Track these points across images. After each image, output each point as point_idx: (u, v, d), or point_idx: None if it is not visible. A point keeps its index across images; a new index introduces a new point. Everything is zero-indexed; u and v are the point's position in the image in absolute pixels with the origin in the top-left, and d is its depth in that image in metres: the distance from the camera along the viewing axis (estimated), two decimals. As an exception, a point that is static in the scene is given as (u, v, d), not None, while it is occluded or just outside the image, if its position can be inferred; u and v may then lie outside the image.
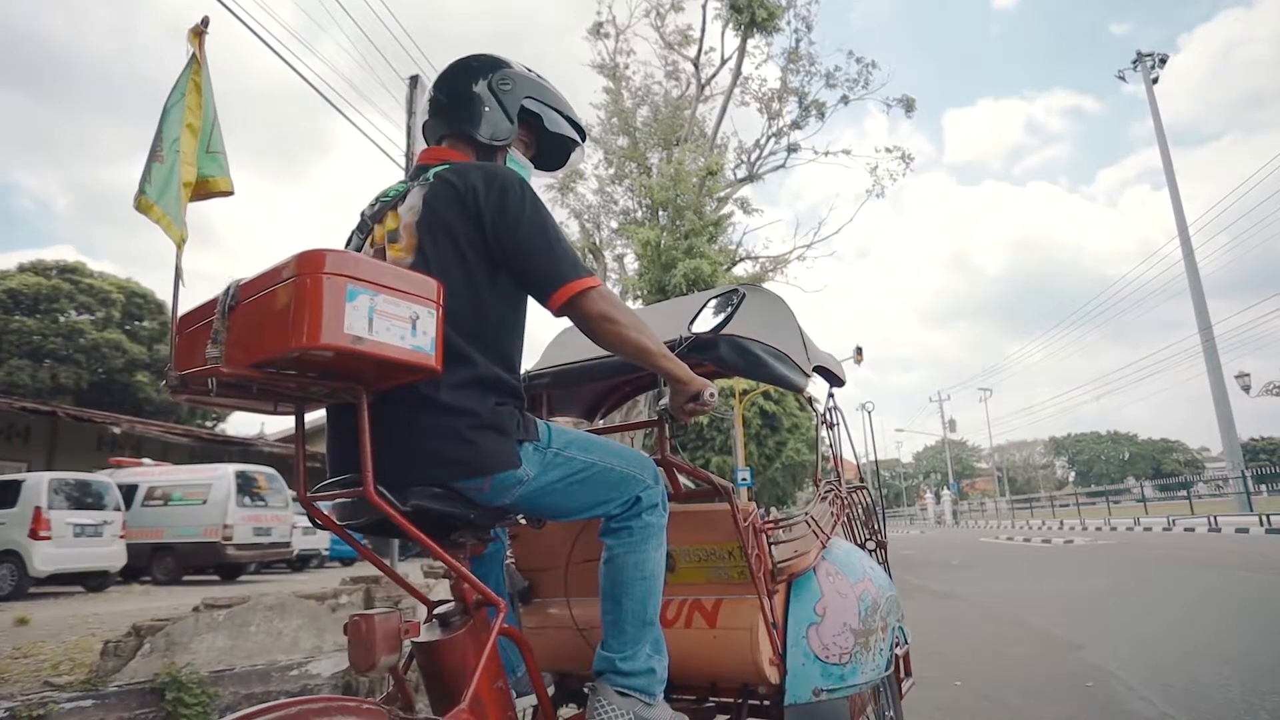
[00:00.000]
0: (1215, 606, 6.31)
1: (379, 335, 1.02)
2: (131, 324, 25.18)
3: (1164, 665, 4.19)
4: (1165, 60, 31.21)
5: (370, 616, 1.18)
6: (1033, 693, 3.78)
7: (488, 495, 1.27)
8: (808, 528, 1.87)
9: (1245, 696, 3.44)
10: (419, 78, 5.74)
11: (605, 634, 1.42)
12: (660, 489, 1.50)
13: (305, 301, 0.97)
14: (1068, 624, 5.80)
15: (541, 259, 1.32)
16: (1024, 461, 77.74)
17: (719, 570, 1.71)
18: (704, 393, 1.45)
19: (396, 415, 1.21)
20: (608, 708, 1.34)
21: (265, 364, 1.03)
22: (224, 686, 3.00)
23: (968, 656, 4.68)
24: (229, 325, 1.05)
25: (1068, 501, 35.47)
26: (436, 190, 1.33)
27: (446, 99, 1.50)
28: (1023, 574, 10.68)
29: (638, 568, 1.41)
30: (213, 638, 3.10)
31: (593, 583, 1.55)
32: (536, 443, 1.33)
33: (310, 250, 1.01)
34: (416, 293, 1.09)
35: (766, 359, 1.81)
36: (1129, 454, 71.91)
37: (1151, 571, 9.66)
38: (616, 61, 20.18)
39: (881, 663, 1.78)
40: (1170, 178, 28.62)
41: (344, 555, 16.71)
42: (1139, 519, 23.65)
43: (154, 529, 11.26)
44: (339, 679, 3.45)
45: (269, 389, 1.15)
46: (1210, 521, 18.95)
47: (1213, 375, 26.56)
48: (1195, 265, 27.69)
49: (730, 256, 17.56)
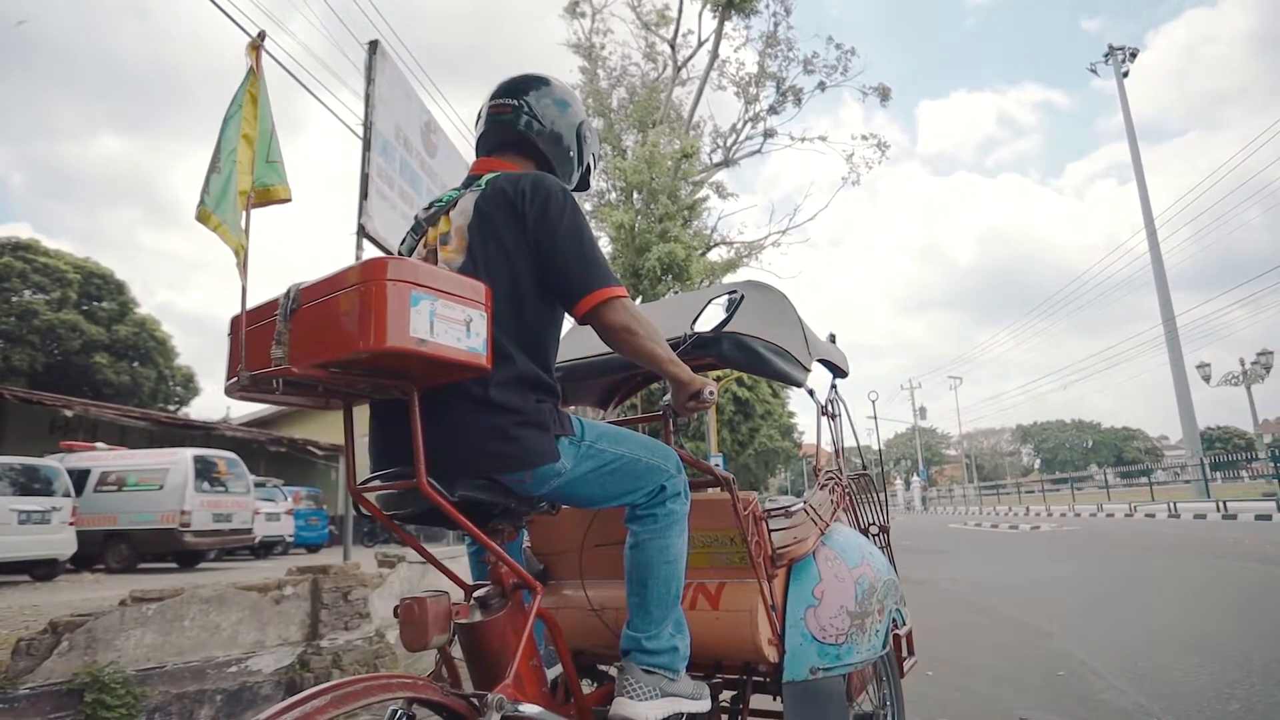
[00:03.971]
0: (1179, 593, 6.35)
1: (439, 337, 1.10)
2: (89, 304, 24.32)
3: (1133, 653, 4.16)
4: (1136, 54, 31.56)
5: (422, 600, 1.23)
6: (1005, 681, 3.72)
7: (529, 486, 1.35)
8: (806, 515, 1.95)
9: (1215, 685, 3.40)
10: (379, 43, 5.47)
11: (631, 615, 1.49)
12: (682, 478, 1.57)
13: (372, 306, 1.03)
14: (1037, 611, 5.78)
15: (574, 266, 1.39)
16: (991, 449, 79.19)
17: (721, 555, 1.79)
18: (703, 391, 1.56)
19: (444, 411, 1.27)
20: (635, 684, 1.42)
21: (332, 364, 1.10)
22: (153, 686, 2.79)
23: (939, 644, 4.61)
24: (290, 327, 1.12)
25: (1033, 488, 36.10)
26: (488, 196, 1.41)
27: (546, 127, 1.57)
28: (991, 560, 10.76)
29: (662, 553, 1.48)
30: (141, 633, 2.88)
31: (607, 566, 1.76)
32: (572, 437, 1.40)
33: (374, 259, 1.10)
34: (469, 296, 1.17)
35: (767, 355, 1.90)
36: (1092, 442, 73.59)
37: (1116, 558, 9.78)
38: (593, 41, 19.85)
39: (878, 643, 1.85)
40: (1138, 170, 29.02)
41: (309, 541, 16.36)
42: (1102, 505, 24.12)
43: (107, 515, 10.84)
44: (281, 675, 3.25)
45: (329, 388, 1.22)
46: (1170, 508, 19.37)
47: (1175, 366, 27.12)
48: (1161, 258, 28.16)
49: (705, 241, 17.42)
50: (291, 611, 3.43)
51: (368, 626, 3.78)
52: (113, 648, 2.77)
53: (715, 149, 20.88)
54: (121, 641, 2.81)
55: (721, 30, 19.59)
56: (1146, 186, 28.70)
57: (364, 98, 5.35)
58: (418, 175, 6.26)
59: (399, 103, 5.93)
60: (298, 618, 3.46)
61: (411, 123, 6.24)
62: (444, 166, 6.85)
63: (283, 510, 15.26)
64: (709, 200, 18.94)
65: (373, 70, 5.41)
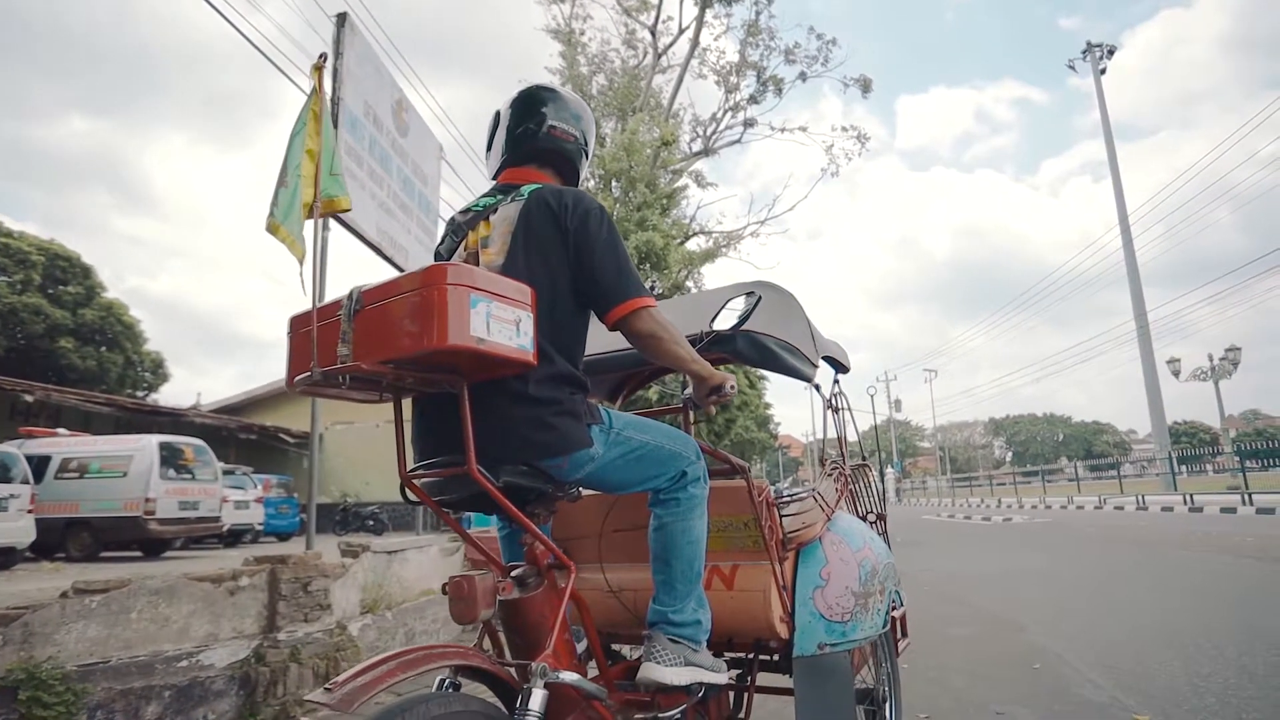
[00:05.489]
0: (1152, 586, 6.41)
1: (494, 336, 1.21)
2: (55, 288, 23.59)
3: (1107, 646, 4.15)
4: (1113, 51, 31.93)
5: (471, 577, 1.33)
6: (980, 675, 3.68)
7: (565, 471, 1.46)
8: (814, 502, 2.04)
9: (1190, 679, 3.38)
10: (347, 15, 5.27)
11: (657, 590, 1.61)
12: (702, 465, 1.68)
13: (435, 309, 1.14)
14: (1011, 604, 5.79)
15: (610, 277, 1.51)
16: (964, 441, 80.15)
17: (735, 539, 1.89)
18: (724, 385, 1.67)
19: (489, 403, 1.38)
20: (662, 651, 1.54)
21: (397, 361, 1.20)
22: (95, 683, 2.63)
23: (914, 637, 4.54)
24: (354, 327, 1.22)
25: (1005, 481, 36.60)
26: (532, 206, 1.51)
27: (566, 143, 1.69)
28: (964, 552, 10.83)
29: (685, 534, 1.60)
30: (84, 627, 2.72)
31: (625, 550, 1.92)
32: (601, 425, 1.52)
33: (435, 265, 1.21)
34: (518, 299, 1.28)
35: (779, 352, 2.05)
36: (1063, 435, 74.81)
37: (1088, 551, 9.89)
38: (572, 27, 19.56)
39: (879, 622, 1.98)
40: (1113, 165, 29.39)
41: (280, 530, 16.06)
42: (1072, 498, 24.51)
43: (69, 503, 10.53)
44: (235, 670, 3.11)
45: (389, 384, 1.32)
46: (1138, 500, 19.73)
47: (1145, 361, 27.58)
48: (1134, 255, 28.57)
49: (684, 230, 17.29)
50: (247, 603, 3.28)
51: (329, 618, 3.64)
52: (52, 642, 2.61)
53: (695, 138, 20.72)
54: (62, 636, 2.65)
55: (703, 18, 19.41)
56: (1122, 182, 29.08)
57: (331, 72, 5.15)
58: (388, 154, 6.06)
59: (369, 79, 5.73)
60: (254, 609, 3.32)
61: (382, 100, 6.04)
62: (416, 146, 6.65)
63: (252, 498, 14.96)
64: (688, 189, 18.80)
65: (340, 44, 5.21)
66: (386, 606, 4.29)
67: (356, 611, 4.00)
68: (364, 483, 19.51)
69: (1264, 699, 3.05)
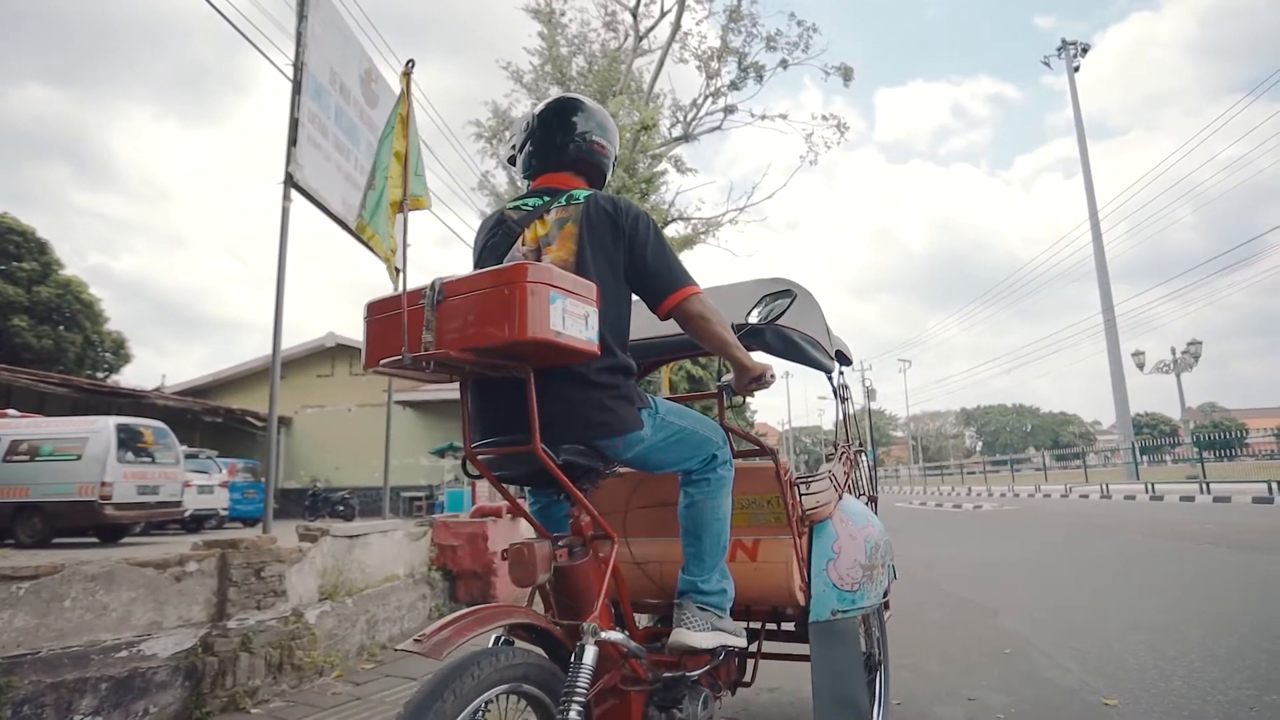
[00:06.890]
0: (1118, 571, 6.47)
1: (569, 329, 1.32)
2: (8, 264, 22.75)
3: (1076, 631, 4.15)
4: (1087, 49, 32.22)
5: (530, 544, 1.43)
6: (953, 660, 3.64)
7: (618, 451, 1.58)
8: (829, 483, 2.22)
9: (1156, 663, 3.38)
10: (310, -24, 5.02)
11: (686, 562, 1.74)
12: (727, 449, 1.82)
13: (518, 303, 1.25)
14: (982, 589, 5.80)
15: (665, 272, 1.67)
16: (936, 431, 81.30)
17: (759, 515, 2.10)
18: (765, 374, 1.82)
19: (552, 388, 1.47)
20: (691, 618, 1.66)
21: (480, 349, 1.31)
22: (22, 675, 2.45)
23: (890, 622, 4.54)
24: (437, 315, 1.34)
25: (975, 469, 37.24)
26: (594, 211, 1.65)
27: (598, 154, 1.82)
28: (937, 539, 10.92)
29: (713, 511, 1.74)
30: (10, 616, 2.53)
31: (649, 525, 2.13)
32: (649, 409, 1.65)
33: (516, 264, 1.32)
34: (587, 295, 1.39)
35: (804, 345, 2.21)
36: (1031, 426, 76.18)
37: (1056, 537, 10.01)
38: (553, 7, 19.20)
39: (880, 592, 2.18)
40: (1085, 160, 29.72)
41: (245, 515, 15.69)
42: (1039, 486, 24.95)
43: (18, 487, 10.15)
44: (180, 660, 2.94)
45: (461, 368, 1.41)
46: (1103, 489, 20.15)
47: (1112, 354, 28.07)
48: (1103, 251, 28.99)
49: (662, 216, 17.14)
50: (195, 590, 3.11)
51: (283, 605, 3.48)
52: (-27, 632, 2.43)
53: (675, 123, 20.52)
54: (-14, 624, 2.47)
55: (685, 2, 19.18)
56: (1092, 178, 29.46)
57: (294, 35, 4.92)
58: (356, 125, 5.83)
59: (334, 45, 5.48)
60: (202, 596, 3.15)
61: (349, 68, 5.80)
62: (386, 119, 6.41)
63: (217, 483, 14.60)
64: (667, 174, 18.65)
65: (305, 6, 4.97)
66: (347, 593, 4.14)
67: (315, 598, 3.85)
68: (334, 467, 19.17)
69: (1227, 680, 3.05)
